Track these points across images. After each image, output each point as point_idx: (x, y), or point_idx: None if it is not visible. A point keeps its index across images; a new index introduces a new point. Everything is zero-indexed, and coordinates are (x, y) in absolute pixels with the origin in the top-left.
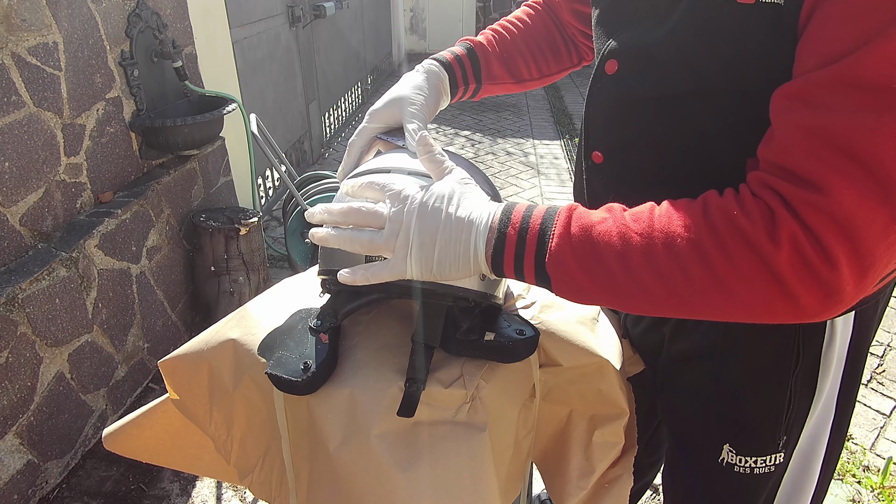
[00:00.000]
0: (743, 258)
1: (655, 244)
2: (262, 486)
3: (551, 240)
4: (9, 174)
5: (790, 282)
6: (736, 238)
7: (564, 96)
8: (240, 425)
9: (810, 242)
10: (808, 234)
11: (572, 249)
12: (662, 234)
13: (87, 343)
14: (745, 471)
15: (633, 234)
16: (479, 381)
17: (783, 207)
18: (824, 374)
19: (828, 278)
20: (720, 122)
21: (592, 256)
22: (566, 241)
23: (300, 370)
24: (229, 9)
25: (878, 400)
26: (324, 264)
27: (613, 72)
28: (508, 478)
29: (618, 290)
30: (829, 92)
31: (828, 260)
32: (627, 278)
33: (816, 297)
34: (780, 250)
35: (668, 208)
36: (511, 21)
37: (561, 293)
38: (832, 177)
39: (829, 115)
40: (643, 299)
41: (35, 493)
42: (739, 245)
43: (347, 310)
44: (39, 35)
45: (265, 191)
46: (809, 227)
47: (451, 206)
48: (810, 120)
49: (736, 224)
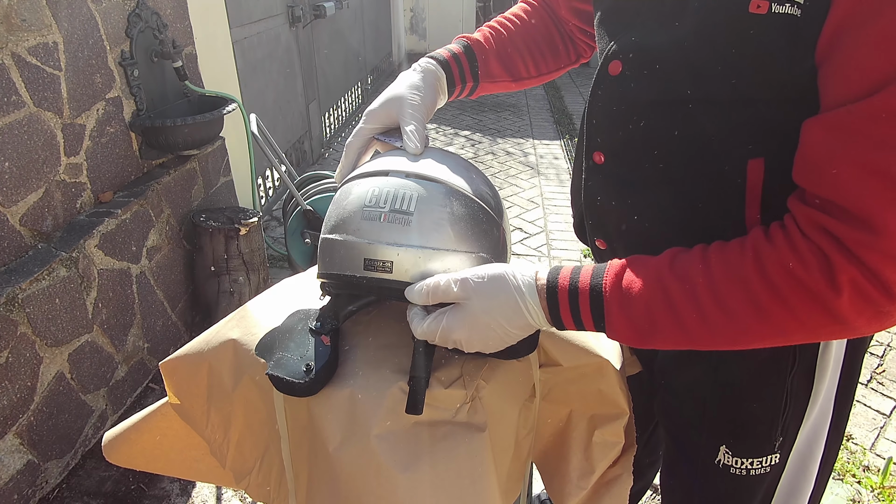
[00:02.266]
0: (805, 309)
1: (710, 307)
2: (260, 488)
3: (606, 316)
4: (9, 174)
5: (850, 319)
6: (797, 291)
7: (564, 96)
8: (237, 427)
9: (871, 282)
10: (868, 274)
11: (630, 323)
12: (716, 294)
13: (87, 343)
14: (741, 472)
15: (685, 297)
16: (478, 381)
17: (838, 252)
18: (821, 375)
19: (888, 308)
20: (722, 127)
21: (646, 320)
22: (621, 320)
23: (302, 372)
24: (229, 9)
25: (878, 400)
26: (323, 267)
27: (617, 73)
28: (508, 478)
29: (671, 342)
30: (880, 124)
31: (887, 294)
32: (683, 337)
33: (874, 322)
34: (842, 296)
35: (717, 260)
36: (508, 18)
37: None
38: (887, 213)
39: (880, 148)
40: (703, 344)
41: (35, 493)
42: (801, 297)
43: (347, 312)
44: (39, 35)
45: (265, 191)
46: (869, 268)
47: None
48: (861, 154)
49: (795, 276)
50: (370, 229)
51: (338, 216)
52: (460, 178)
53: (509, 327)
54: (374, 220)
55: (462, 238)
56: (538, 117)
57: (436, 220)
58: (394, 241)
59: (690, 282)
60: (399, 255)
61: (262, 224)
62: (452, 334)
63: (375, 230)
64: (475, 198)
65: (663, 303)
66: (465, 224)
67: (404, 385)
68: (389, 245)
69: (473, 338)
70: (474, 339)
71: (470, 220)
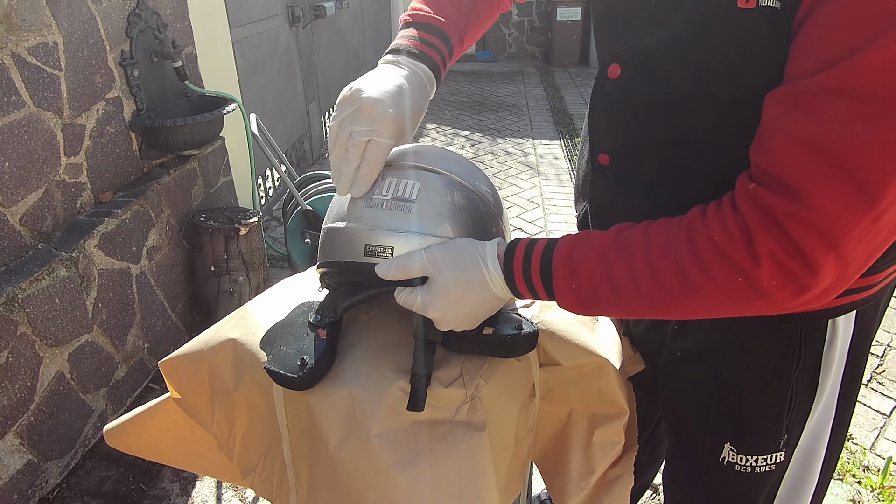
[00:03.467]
0: (728, 281)
1: (644, 276)
2: (264, 485)
3: (556, 287)
4: (9, 174)
5: (771, 291)
6: (720, 263)
7: (564, 96)
8: (241, 424)
9: (789, 254)
10: (788, 246)
11: (571, 291)
12: (651, 265)
13: (87, 343)
14: (745, 470)
15: (623, 268)
16: (478, 380)
17: (760, 224)
18: (825, 374)
19: (808, 282)
20: (723, 125)
21: (589, 298)
22: (568, 290)
23: (297, 366)
24: (229, 9)
25: (878, 400)
26: (323, 256)
27: (616, 76)
28: (508, 477)
29: (605, 309)
30: (820, 100)
31: (808, 267)
32: (620, 309)
33: (797, 297)
34: (761, 267)
35: (656, 234)
36: None
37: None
38: (817, 188)
39: (818, 124)
40: (640, 314)
41: (35, 493)
42: (724, 269)
43: (346, 304)
44: (39, 35)
45: (265, 191)
46: (791, 239)
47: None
48: (800, 128)
49: (719, 249)
50: (372, 216)
51: (340, 206)
52: (463, 171)
53: (478, 299)
54: (377, 207)
55: (462, 227)
56: (538, 117)
57: (437, 208)
58: (395, 227)
59: (630, 256)
60: (400, 241)
61: (262, 224)
62: (428, 310)
63: (377, 217)
64: (476, 191)
65: (605, 277)
66: (465, 214)
67: (404, 384)
68: (391, 231)
69: (448, 313)
70: (448, 314)
71: (470, 210)
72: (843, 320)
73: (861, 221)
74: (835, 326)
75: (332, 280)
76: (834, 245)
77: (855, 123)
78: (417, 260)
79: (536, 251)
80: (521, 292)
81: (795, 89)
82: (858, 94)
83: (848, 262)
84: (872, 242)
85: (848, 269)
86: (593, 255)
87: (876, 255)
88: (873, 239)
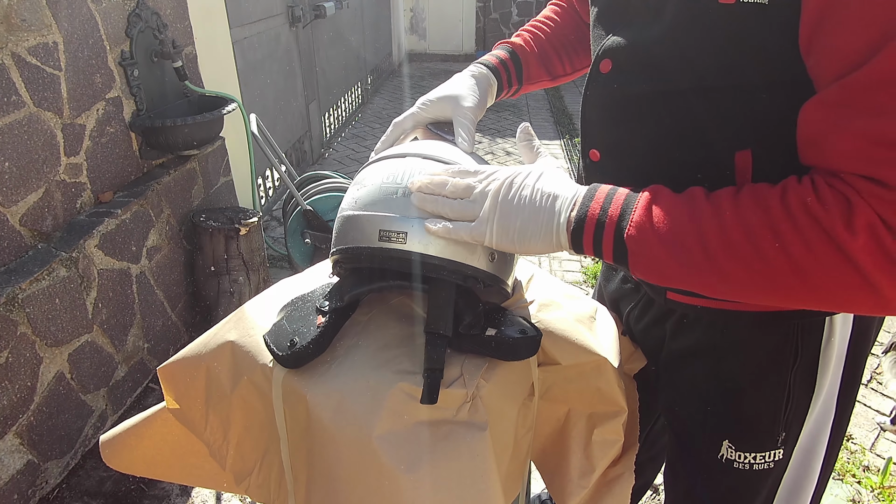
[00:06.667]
0: (819, 244)
1: (733, 225)
2: (261, 489)
3: (633, 213)
4: (9, 174)
5: (869, 270)
6: (812, 224)
7: (564, 96)
8: (237, 429)
9: (889, 231)
10: (885, 224)
11: (652, 225)
12: (741, 216)
13: (87, 343)
14: (744, 467)
15: (712, 215)
16: (478, 380)
17: (859, 198)
18: (823, 372)
19: None
20: (715, 117)
21: (671, 233)
22: (647, 216)
23: (286, 345)
24: (229, 9)
25: (878, 400)
26: (337, 243)
27: (608, 71)
28: (508, 477)
29: (695, 269)
30: (872, 93)
31: None
32: (705, 257)
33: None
34: (857, 238)
35: (748, 190)
36: (542, 20)
37: (637, 270)
38: (894, 172)
39: (878, 116)
40: (720, 279)
41: (35, 493)
42: (815, 232)
43: (354, 293)
44: (39, 35)
45: (265, 191)
46: (885, 219)
47: (539, 182)
48: (860, 124)
49: (810, 211)
50: (387, 203)
51: (355, 195)
52: (474, 163)
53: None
54: (392, 195)
55: None
56: (538, 117)
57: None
58: (410, 213)
59: (721, 202)
60: (414, 227)
61: (262, 224)
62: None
63: (392, 204)
64: None
65: (698, 217)
66: None
67: (405, 385)
68: (405, 217)
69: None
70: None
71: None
72: (841, 319)
73: None
74: (832, 324)
75: (345, 267)
76: None
77: None
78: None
79: (621, 191)
80: (585, 231)
81: (842, 89)
82: None
83: None
84: None
85: None
86: (681, 196)
87: None
88: None
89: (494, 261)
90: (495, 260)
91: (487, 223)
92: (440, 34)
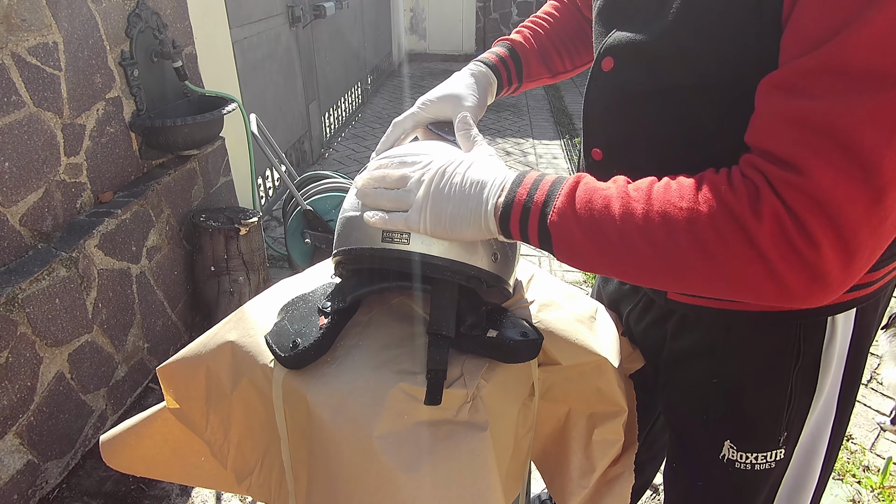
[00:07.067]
0: (727, 230)
1: (651, 212)
2: (262, 489)
3: (556, 199)
4: (9, 174)
5: (773, 258)
6: (722, 211)
7: (564, 96)
8: (237, 428)
9: (792, 221)
10: (790, 213)
11: (575, 211)
12: (658, 203)
13: (87, 343)
14: (745, 467)
15: (631, 202)
16: (479, 380)
17: (767, 186)
18: (825, 372)
19: (811, 259)
20: (717, 115)
21: (592, 219)
22: (570, 203)
23: (288, 346)
24: (229, 9)
25: (878, 400)
26: (339, 244)
27: (610, 68)
28: (508, 477)
29: (613, 255)
30: (811, 79)
31: (809, 240)
32: (622, 243)
33: (801, 278)
34: (763, 225)
35: (666, 181)
36: (541, 17)
37: (561, 255)
38: (811, 158)
39: (809, 99)
40: (635, 264)
41: (35, 493)
42: (724, 218)
43: (356, 294)
44: (39, 35)
45: (265, 191)
46: (790, 207)
47: (470, 170)
48: (791, 105)
49: (722, 198)
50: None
51: (356, 197)
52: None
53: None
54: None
55: None
56: (538, 117)
57: None
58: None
59: (641, 190)
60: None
61: (262, 224)
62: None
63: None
64: None
65: (617, 204)
66: None
67: (405, 386)
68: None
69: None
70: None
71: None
72: (843, 318)
73: (859, 198)
74: (834, 324)
75: (347, 268)
76: (832, 219)
77: (843, 97)
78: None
79: (547, 178)
80: (512, 216)
81: (787, 71)
82: (847, 70)
83: (849, 244)
84: (878, 230)
85: (854, 254)
86: (604, 183)
87: (883, 243)
88: (879, 226)
89: (497, 261)
90: (498, 260)
91: (421, 212)
92: (440, 34)
